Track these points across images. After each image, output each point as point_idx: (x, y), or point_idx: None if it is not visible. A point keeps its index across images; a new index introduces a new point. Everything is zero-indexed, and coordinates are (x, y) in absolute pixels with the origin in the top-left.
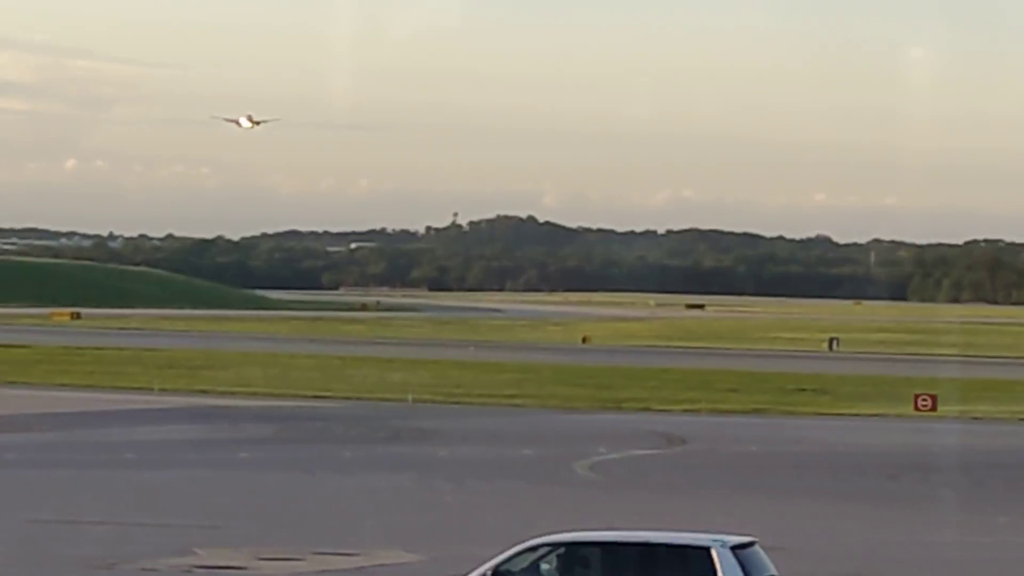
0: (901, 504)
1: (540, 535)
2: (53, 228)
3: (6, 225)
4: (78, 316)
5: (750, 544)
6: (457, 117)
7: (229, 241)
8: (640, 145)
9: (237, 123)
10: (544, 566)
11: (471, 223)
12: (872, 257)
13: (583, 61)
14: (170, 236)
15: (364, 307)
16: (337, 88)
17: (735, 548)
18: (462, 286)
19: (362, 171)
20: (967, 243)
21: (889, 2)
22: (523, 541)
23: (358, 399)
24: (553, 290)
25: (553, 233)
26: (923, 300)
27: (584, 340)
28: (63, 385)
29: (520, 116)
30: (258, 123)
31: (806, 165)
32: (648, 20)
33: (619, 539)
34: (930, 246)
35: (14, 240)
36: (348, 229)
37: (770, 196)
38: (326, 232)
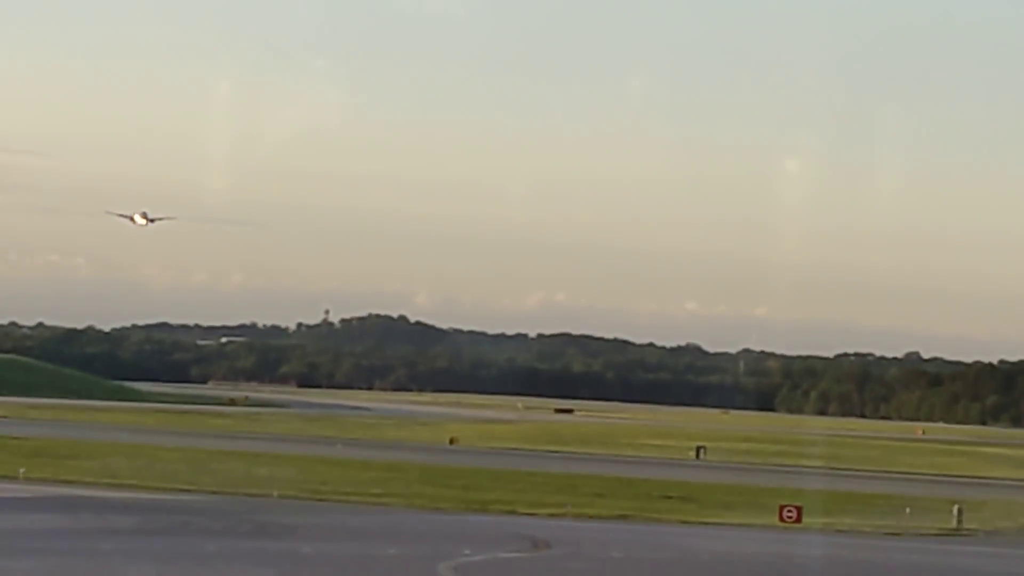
0: None
1: None
2: None
3: None
4: None
5: None
6: (331, 216)
7: (99, 331)
8: (513, 249)
9: (132, 220)
10: None
11: (342, 321)
12: (741, 367)
13: (459, 165)
14: (40, 325)
15: (232, 401)
16: (213, 183)
17: None
18: (331, 383)
19: (235, 266)
20: (837, 356)
21: (763, 116)
22: None
23: (224, 493)
24: (422, 390)
25: (424, 333)
26: (790, 411)
27: (452, 441)
28: None
29: (394, 217)
30: (153, 220)
31: (678, 273)
32: (524, 126)
33: None
34: (799, 357)
35: None
36: (219, 323)
37: (642, 303)
38: (197, 325)
